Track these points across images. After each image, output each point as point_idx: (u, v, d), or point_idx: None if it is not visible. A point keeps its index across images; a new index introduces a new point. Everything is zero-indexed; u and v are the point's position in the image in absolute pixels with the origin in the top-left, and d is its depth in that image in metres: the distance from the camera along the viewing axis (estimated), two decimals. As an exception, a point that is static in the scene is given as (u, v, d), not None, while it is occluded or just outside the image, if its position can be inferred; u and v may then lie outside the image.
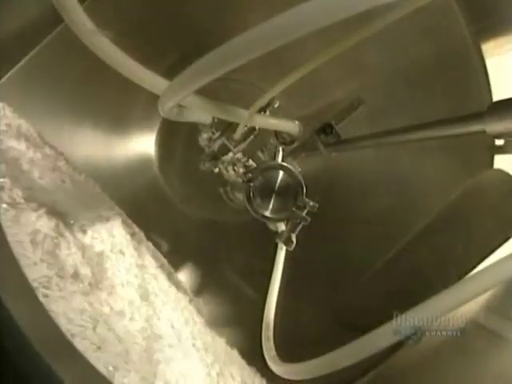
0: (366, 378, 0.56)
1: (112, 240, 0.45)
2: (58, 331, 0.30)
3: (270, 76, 0.37)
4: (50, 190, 0.42)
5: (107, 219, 0.48)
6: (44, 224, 0.35)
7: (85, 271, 0.37)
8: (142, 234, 0.56)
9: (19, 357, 0.28)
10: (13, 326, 0.28)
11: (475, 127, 0.30)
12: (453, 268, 0.56)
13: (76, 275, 0.36)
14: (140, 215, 0.68)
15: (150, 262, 0.52)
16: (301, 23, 0.21)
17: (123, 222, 0.52)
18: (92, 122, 0.63)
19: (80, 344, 0.30)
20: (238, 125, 0.51)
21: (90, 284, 0.37)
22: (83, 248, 0.39)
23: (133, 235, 0.53)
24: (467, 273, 0.50)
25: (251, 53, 0.23)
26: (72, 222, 0.40)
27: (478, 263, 0.51)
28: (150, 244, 0.58)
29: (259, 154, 0.56)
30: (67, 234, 0.38)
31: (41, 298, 0.29)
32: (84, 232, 0.41)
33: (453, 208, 0.57)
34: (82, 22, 0.32)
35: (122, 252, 0.46)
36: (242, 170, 0.55)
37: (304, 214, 0.48)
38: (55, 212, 0.38)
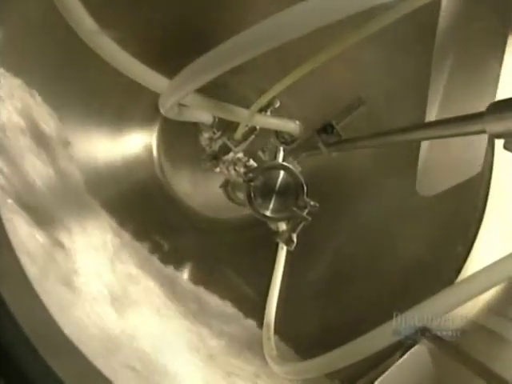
0: (366, 378, 0.55)
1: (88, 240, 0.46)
2: (58, 331, 0.30)
3: (270, 76, 0.37)
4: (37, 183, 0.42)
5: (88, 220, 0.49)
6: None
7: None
8: (127, 236, 0.57)
9: (20, 357, 0.28)
10: (15, 327, 0.28)
11: (475, 127, 0.30)
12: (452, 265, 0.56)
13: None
14: (140, 214, 0.68)
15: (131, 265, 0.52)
16: (301, 22, 0.21)
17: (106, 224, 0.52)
18: (93, 121, 0.63)
19: None
20: (238, 124, 0.51)
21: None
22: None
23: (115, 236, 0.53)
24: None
25: (251, 51, 0.23)
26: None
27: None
28: (141, 249, 0.58)
29: (260, 153, 0.56)
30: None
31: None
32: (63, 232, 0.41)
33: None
34: (83, 21, 0.32)
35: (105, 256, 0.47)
36: (242, 170, 0.55)
37: (305, 213, 0.48)
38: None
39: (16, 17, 0.45)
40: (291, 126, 0.49)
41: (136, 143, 0.73)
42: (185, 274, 0.66)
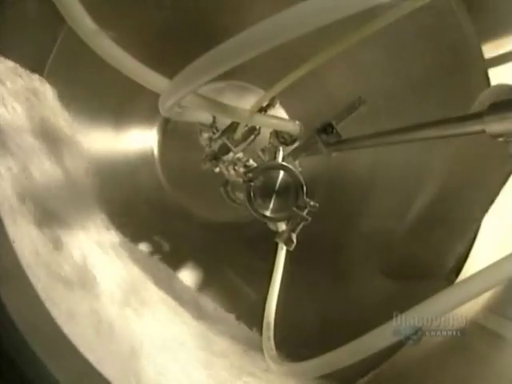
0: (366, 378, 0.56)
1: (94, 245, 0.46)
2: (58, 332, 0.30)
3: (270, 76, 0.37)
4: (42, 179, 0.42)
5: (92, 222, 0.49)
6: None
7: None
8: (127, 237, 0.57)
9: (19, 358, 0.28)
10: (13, 328, 0.28)
11: (475, 127, 0.30)
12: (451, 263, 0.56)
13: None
14: (141, 215, 0.68)
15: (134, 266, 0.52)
16: (300, 22, 0.21)
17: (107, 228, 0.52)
18: (93, 122, 0.63)
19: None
20: (238, 125, 0.51)
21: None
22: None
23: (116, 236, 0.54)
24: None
25: (251, 51, 0.23)
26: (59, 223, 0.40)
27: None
28: (141, 249, 0.58)
29: (260, 153, 0.56)
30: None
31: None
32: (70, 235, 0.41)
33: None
34: (83, 21, 0.32)
35: (105, 256, 0.47)
36: (242, 170, 0.55)
37: (304, 213, 0.48)
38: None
39: (15, 15, 0.45)
40: (291, 126, 0.49)
41: (136, 143, 0.73)
42: (185, 274, 0.66)
